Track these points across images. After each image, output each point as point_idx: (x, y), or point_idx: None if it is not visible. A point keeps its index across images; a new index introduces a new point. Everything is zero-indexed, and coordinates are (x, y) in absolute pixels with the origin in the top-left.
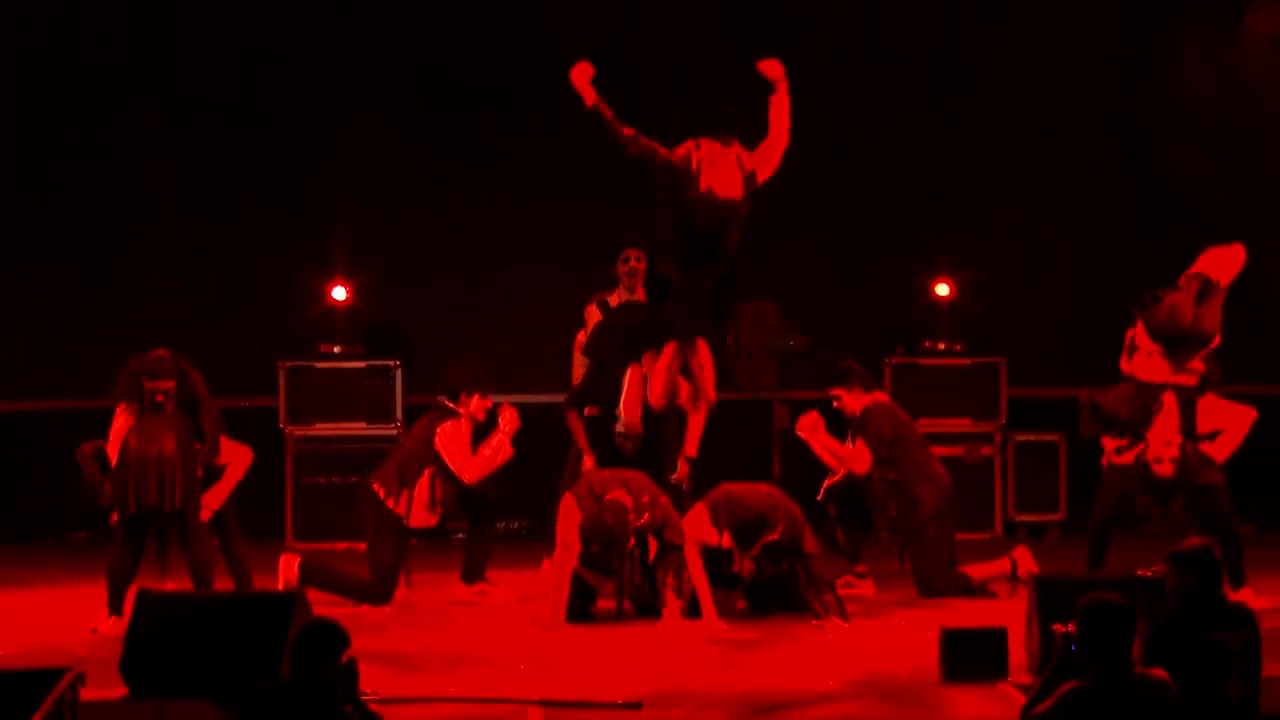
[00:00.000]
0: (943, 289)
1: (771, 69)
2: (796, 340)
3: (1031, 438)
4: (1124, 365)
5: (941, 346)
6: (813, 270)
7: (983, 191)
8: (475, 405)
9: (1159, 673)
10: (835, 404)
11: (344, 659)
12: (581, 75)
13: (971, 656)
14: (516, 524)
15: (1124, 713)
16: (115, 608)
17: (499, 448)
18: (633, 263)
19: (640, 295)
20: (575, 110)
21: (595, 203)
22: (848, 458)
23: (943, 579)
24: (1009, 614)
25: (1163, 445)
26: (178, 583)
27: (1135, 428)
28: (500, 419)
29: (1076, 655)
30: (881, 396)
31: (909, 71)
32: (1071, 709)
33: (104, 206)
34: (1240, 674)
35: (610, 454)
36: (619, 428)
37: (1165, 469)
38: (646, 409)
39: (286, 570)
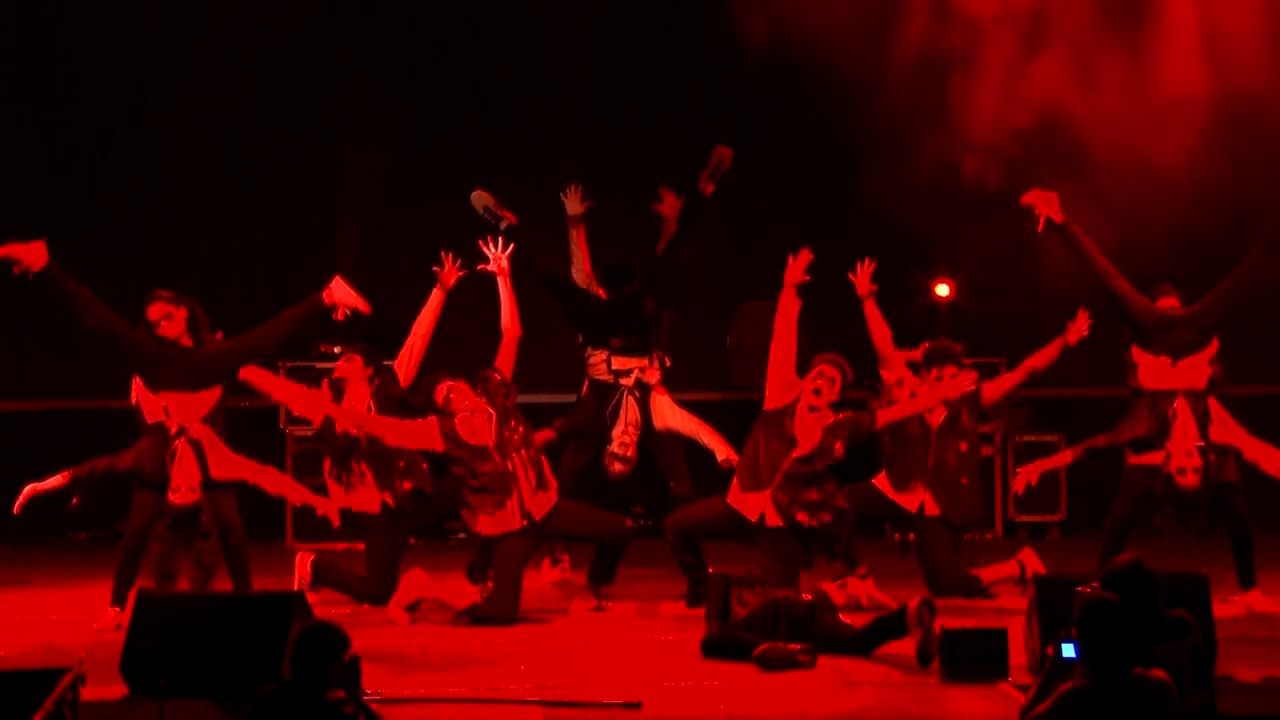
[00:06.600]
0: (943, 289)
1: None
2: None
3: (1031, 438)
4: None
5: None
6: (812, 270)
7: (983, 191)
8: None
9: (1158, 673)
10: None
11: (346, 659)
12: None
13: (971, 656)
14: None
15: (1122, 713)
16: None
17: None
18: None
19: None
20: (576, 111)
21: (597, 203)
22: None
23: (952, 578)
24: (1009, 614)
25: (1185, 457)
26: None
27: (1156, 440)
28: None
29: (1068, 665)
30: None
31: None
32: (1070, 709)
33: (105, 208)
34: (1192, 685)
35: (595, 477)
36: (613, 448)
37: (1190, 480)
38: (643, 434)
39: (301, 568)
